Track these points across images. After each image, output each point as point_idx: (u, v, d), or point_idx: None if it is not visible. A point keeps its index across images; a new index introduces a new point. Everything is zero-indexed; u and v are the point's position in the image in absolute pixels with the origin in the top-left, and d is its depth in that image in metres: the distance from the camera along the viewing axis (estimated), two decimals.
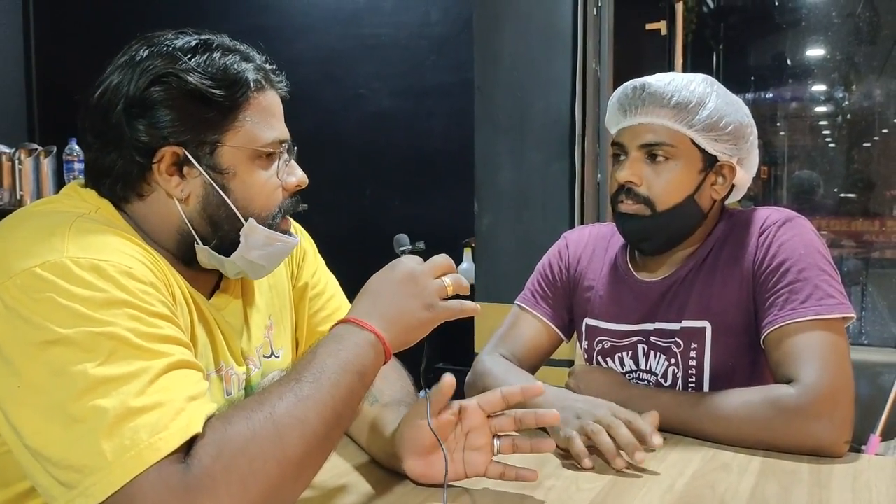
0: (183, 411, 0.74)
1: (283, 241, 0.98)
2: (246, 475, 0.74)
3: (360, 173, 3.42)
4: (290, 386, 0.80)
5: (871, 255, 3.70)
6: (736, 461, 1.05)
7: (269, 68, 0.96)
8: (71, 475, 0.71)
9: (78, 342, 0.73)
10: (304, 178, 0.98)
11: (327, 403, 0.80)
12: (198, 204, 0.92)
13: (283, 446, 0.76)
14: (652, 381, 1.31)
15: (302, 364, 0.83)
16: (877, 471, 1.02)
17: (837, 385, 1.09)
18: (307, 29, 3.47)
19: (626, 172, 1.26)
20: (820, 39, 3.84)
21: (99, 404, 0.71)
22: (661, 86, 1.25)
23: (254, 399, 0.79)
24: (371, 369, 0.86)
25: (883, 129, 3.80)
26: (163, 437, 0.72)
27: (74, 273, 0.76)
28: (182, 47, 0.89)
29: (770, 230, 1.24)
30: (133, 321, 0.76)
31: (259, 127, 0.93)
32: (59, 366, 0.73)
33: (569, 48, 2.51)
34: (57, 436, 0.72)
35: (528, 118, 2.57)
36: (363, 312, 0.89)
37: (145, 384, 0.73)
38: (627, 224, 1.29)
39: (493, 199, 2.64)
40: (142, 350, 0.75)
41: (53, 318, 0.74)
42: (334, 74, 3.43)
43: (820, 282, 1.17)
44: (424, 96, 3.34)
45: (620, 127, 1.30)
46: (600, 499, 0.93)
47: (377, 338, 0.87)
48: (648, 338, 1.31)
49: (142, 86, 0.87)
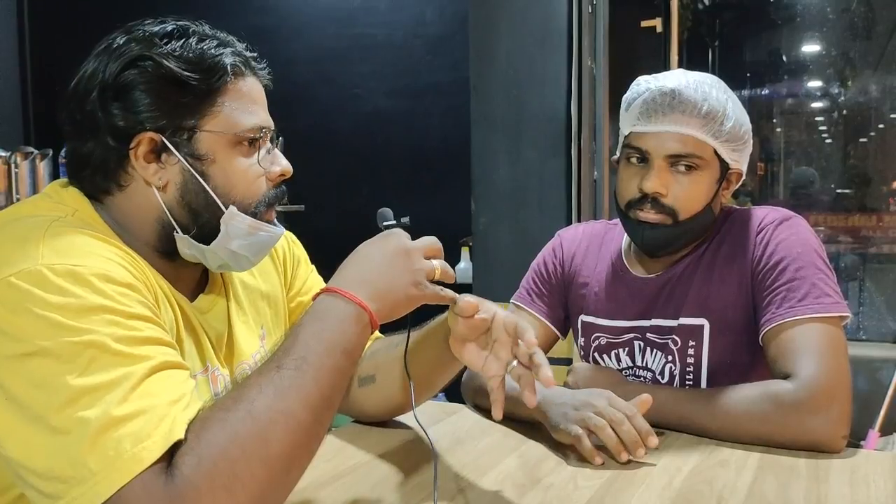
0: (166, 417, 0.72)
1: (267, 230, 0.95)
2: (230, 480, 0.70)
3: (356, 173, 3.41)
4: (269, 376, 0.75)
5: (869, 251, 3.70)
6: (734, 457, 1.05)
7: (250, 55, 0.95)
8: (56, 486, 0.70)
9: (57, 353, 0.72)
10: (289, 168, 0.96)
11: (312, 391, 0.76)
12: (176, 191, 0.90)
13: (266, 444, 0.72)
14: (648, 377, 1.31)
15: (283, 349, 0.78)
16: (875, 466, 1.02)
17: (835, 380, 1.09)
18: (302, 29, 3.47)
19: (656, 183, 1.22)
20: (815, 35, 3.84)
21: (81, 416, 0.70)
22: (691, 93, 1.21)
23: (230, 396, 0.75)
24: (358, 345, 0.82)
25: (879, 124, 3.80)
26: (146, 447, 0.70)
27: (50, 280, 0.74)
28: (158, 32, 0.89)
29: (768, 229, 1.24)
30: (112, 326, 0.74)
31: (238, 113, 0.91)
32: (39, 378, 0.71)
33: (564, 46, 2.51)
34: (40, 448, 0.70)
35: (524, 116, 2.57)
36: (350, 281, 0.84)
37: (127, 391, 0.71)
38: (647, 232, 1.25)
39: (489, 197, 2.64)
40: (122, 356, 0.73)
41: (31, 330, 0.73)
42: (330, 74, 3.43)
43: (817, 280, 1.17)
44: (420, 95, 3.34)
45: (645, 131, 1.24)
46: (599, 496, 0.93)
47: (363, 310, 0.82)
48: (645, 334, 1.31)
49: (116, 70, 0.86)
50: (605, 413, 1.04)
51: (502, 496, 0.94)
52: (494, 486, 0.96)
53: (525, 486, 0.96)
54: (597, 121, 2.54)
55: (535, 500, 0.92)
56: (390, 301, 0.85)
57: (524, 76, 2.56)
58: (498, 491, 0.95)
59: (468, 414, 1.29)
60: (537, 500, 0.92)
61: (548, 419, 1.11)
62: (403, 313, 0.89)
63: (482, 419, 1.26)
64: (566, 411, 1.08)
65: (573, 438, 1.05)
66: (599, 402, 1.06)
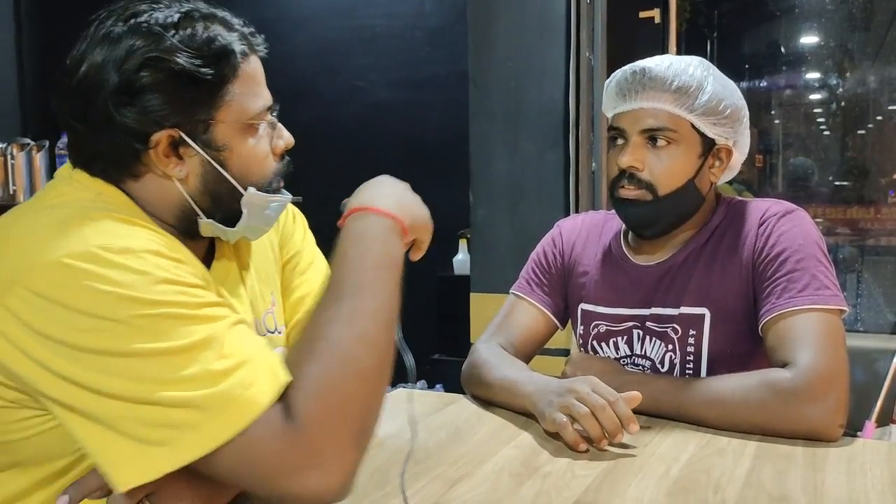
0: (265, 363, 0.77)
1: (279, 199, 0.99)
2: (340, 403, 0.76)
3: (355, 165, 3.41)
4: (336, 308, 0.80)
5: (866, 243, 3.70)
6: (731, 446, 1.06)
7: (248, 31, 0.95)
8: (171, 433, 0.73)
9: (138, 326, 0.74)
10: (291, 139, 0.99)
11: (374, 309, 0.81)
12: (197, 181, 0.92)
13: (356, 365, 0.78)
14: (647, 365, 1.31)
15: (336, 279, 0.83)
16: (872, 454, 1.03)
17: (833, 368, 1.09)
18: (303, 21, 3.46)
19: (629, 158, 1.25)
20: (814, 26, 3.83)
21: (184, 374, 0.73)
22: (662, 70, 1.25)
23: (305, 335, 0.80)
24: (398, 255, 0.87)
25: (877, 115, 3.80)
26: (259, 390, 0.74)
27: (108, 258, 0.76)
28: (164, 23, 0.86)
29: (770, 221, 1.25)
30: (180, 295, 0.77)
31: (247, 98, 0.92)
32: (130, 353, 0.74)
33: (562, 38, 2.50)
34: (152, 405, 0.73)
35: (523, 108, 2.56)
36: (375, 197, 0.90)
37: (218, 348, 0.75)
38: (629, 210, 1.29)
39: (488, 189, 2.63)
40: (199, 318, 0.77)
41: (102, 306, 0.74)
42: (330, 66, 3.43)
43: (817, 272, 1.18)
44: (419, 87, 3.33)
45: (619, 111, 1.29)
46: (596, 485, 0.93)
47: (395, 221, 0.87)
48: (644, 323, 1.31)
49: (128, 71, 0.84)
50: (587, 399, 1.05)
51: (500, 485, 0.94)
52: (492, 476, 0.97)
53: (522, 475, 0.96)
54: (595, 112, 2.54)
55: (533, 489, 0.92)
56: (410, 216, 0.91)
57: (523, 68, 2.56)
58: (495, 480, 0.95)
59: (466, 404, 1.29)
60: (535, 488, 0.92)
61: (535, 407, 1.12)
62: (424, 233, 0.94)
63: (480, 409, 1.26)
64: (551, 399, 1.09)
65: (557, 426, 1.06)
66: (582, 388, 1.07)
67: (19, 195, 3.33)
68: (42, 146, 3.38)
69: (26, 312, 0.75)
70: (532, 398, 1.14)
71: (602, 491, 0.91)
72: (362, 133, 3.41)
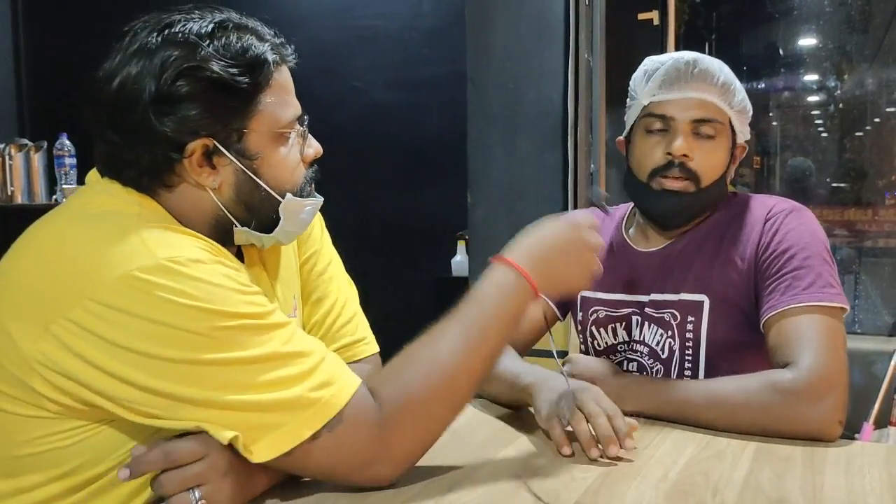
0: (337, 362, 0.86)
1: (313, 203, 1.01)
2: (425, 413, 0.87)
3: (353, 166, 3.41)
4: (459, 334, 0.89)
5: (864, 245, 3.71)
6: (730, 448, 1.05)
7: (279, 42, 0.96)
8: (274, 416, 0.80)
9: (217, 337, 0.78)
10: (320, 149, 1.01)
11: (488, 352, 0.91)
12: (231, 191, 0.92)
13: (452, 390, 0.88)
14: (645, 352, 1.31)
15: (468, 313, 0.92)
16: (870, 456, 1.03)
17: (833, 369, 1.10)
18: (299, 21, 3.46)
19: (684, 146, 1.25)
20: (812, 28, 3.83)
21: (266, 379, 0.80)
22: (709, 63, 1.27)
23: (421, 344, 0.89)
24: (521, 315, 0.96)
25: (875, 118, 3.80)
26: (339, 387, 0.83)
27: (179, 271, 0.78)
28: (199, 33, 0.87)
29: (777, 217, 1.25)
30: (251, 305, 0.82)
31: (278, 107, 0.93)
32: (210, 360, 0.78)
33: (561, 39, 2.50)
34: (234, 411, 0.79)
35: (521, 109, 2.56)
36: (529, 259, 0.96)
37: (293, 351, 0.82)
38: (670, 200, 1.27)
39: (486, 190, 2.63)
40: (271, 326, 0.82)
41: (181, 318, 0.77)
42: (327, 67, 3.42)
43: (822, 271, 1.18)
44: (417, 88, 3.33)
45: (667, 98, 1.27)
46: (595, 488, 0.93)
47: (534, 290, 0.95)
48: (643, 308, 1.31)
49: (167, 81, 0.84)
50: (584, 406, 1.04)
51: (499, 487, 0.94)
52: (491, 478, 0.96)
53: (521, 477, 0.96)
54: (593, 114, 2.53)
55: (532, 491, 0.92)
56: (557, 285, 1.00)
57: (521, 69, 2.55)
58: (494, 482, 0.95)
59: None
60: (534, 490, 0.92)
61: (534, 402, 1.12)
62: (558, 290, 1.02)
63: (478, 411, 1.26)
64: (551, 397, 1.09)
65: (549, 424, 1.06)
66: (584, 395, 1.06)
67: (17, 196, 3.32)
68: (40, 147, 3.37)
69: (98, 325, 0.77)
70: (531, 390, 1.14)
71: (601, 494, 0.91)
72: (360, 134, 3.40)
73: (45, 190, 3.39)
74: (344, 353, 1.16)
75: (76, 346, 0.77)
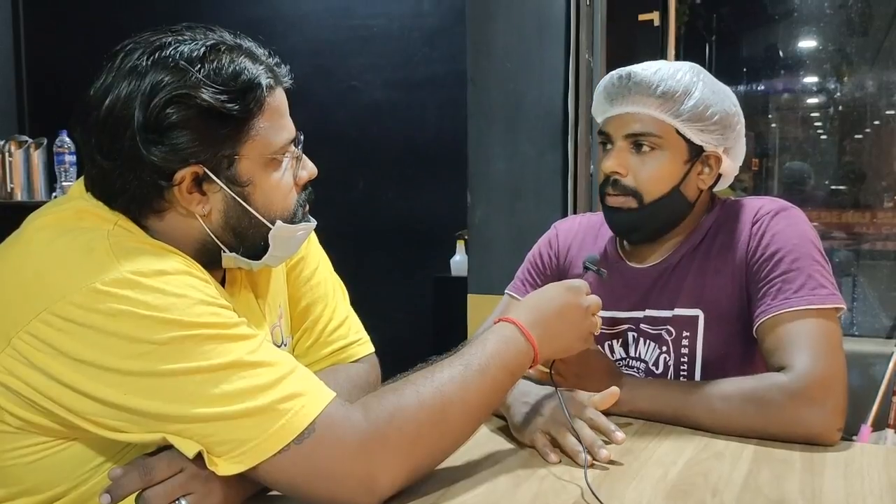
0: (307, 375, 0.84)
1: (305, 228, 0.99)
2: (413, 440, 0.84)
3: (352, 166, 3.41)
4: (459, 370, 0.90)
5: (863, 247, 3.71)
6: (729, 450, 1.06)
7: (273, 63, 0.93)
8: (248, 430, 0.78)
9: (177, 347, 0.76)
10: (314, 170, 0.99)
11: (485, 392, 0.91)
12: (220, 217, 0.91)
13: (445, 421, 0.86)
14: (642, 368, 1.31)
15: (472, 354, 0.93)
16: (869, 459, 1.03)
17: (830, 372, 1.09)
18: (298, 20, 3.45)
19: (612, 163, 1.26)
20: (812, 31, 3.84)
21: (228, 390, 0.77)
22: (647, 75, 1.24)
23: (422, 374, 0.89)
24: (520, 373, 0.98)
25: (874, 120, 3.80)
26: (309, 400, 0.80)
27: (142, 283, 0.77)
28: (189, 57, 0.84)
29: (764, 220, 1.24)
30: (215, 316, 0.80)
31: (271, 132, 0.91)
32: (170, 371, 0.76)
33: (561, 39, 2.50)
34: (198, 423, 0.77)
35: (521, 109, 2.56)
36: (532, 322, 0.98)
37: (258, 362, 0.80)
38: (614, 216, 1.29)
39: (485, 190, 2.63)
40: (235, 337, 0.80)
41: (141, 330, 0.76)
42: (327, 67, 3.42)
43: (813, 272, 1.17)
44: (417, 88, 3.33)
45: (606, 116, 1.29)
46: (593, 488, 0.93)
47: (534, 352, 0.98)
48: (639, 325, 1.31)
49: (156, 108, 0.82)
50: (558, 418, 1.03)
51: (497, 487, 0.94)
52: (489, 478, 0.96)
53: (520, 477, 0.96)
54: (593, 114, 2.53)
55: (531, 492, 0.92)
56: (553, 351, 1.03)
57: (521, 69, 2.55)
58: (493, 482, 0.95)
59: None
60: (532, 491, 0.92)
61: (509, 417, 1.12)
62: (557, 356, 1.06)
63: None
64: (525, 411, 1.08)
65: (530, 439, 1.05)
66: (564, 413, 1.03)
67: (16, 192, 3.32)
68: (40, 144, 3.37)
69: (59, 339, 0.76)
70: (507, 405, 1.13)
71: (600, 494, 0.91)
72: (359, 134, 3.40)
73: (45, 187, 3.39)
74: (339, 356, 1.16)
75: (37, 359, 0.76)
